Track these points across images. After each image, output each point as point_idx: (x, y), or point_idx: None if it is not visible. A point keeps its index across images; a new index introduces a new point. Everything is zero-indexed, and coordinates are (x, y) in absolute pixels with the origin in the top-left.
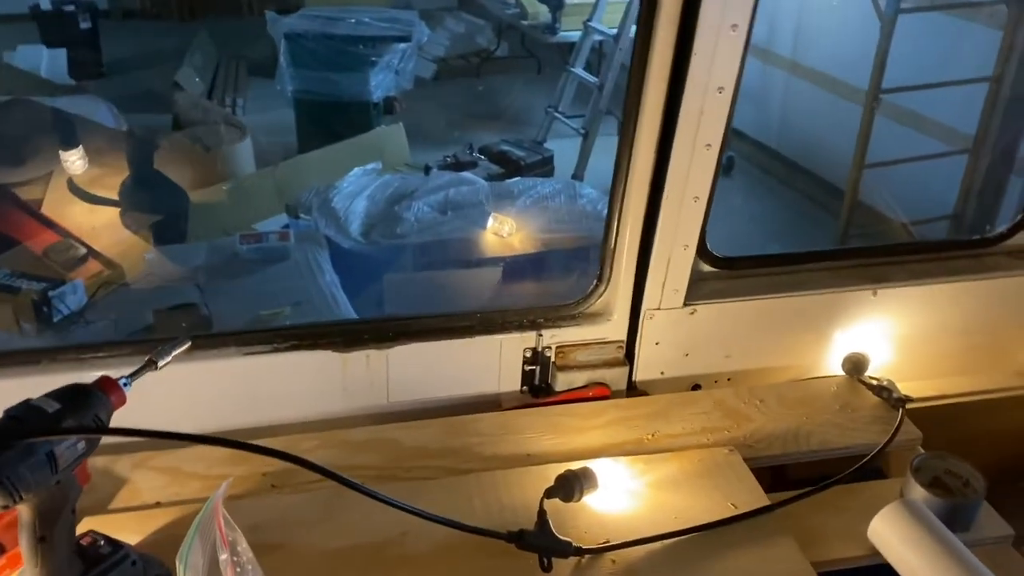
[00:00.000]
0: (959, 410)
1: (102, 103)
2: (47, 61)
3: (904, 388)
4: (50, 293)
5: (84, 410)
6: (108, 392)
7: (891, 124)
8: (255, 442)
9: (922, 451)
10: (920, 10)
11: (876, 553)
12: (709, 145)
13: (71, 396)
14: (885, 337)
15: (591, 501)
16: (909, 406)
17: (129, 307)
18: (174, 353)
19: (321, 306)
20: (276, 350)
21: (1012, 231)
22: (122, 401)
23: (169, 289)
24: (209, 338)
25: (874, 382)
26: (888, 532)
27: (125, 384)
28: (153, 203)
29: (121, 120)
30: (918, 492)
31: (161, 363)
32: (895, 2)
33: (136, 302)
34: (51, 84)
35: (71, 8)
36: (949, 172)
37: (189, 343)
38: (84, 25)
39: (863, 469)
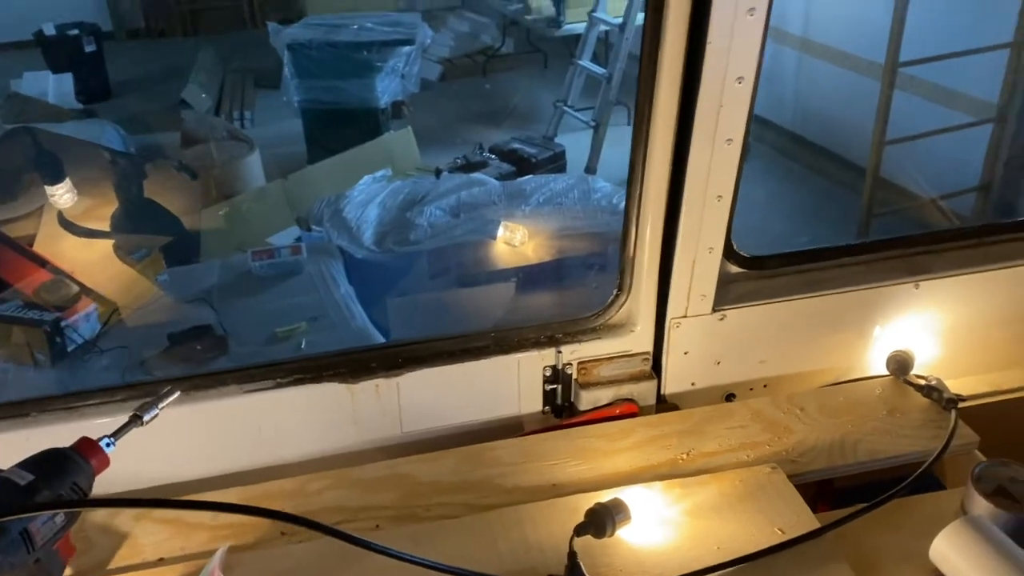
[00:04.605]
0: (1016, 407)
1: (108, 126)
2: (54, 86)
3: (954, 386)
4: (63, 322)
5: (60, 479)
6: (88, 456)
7: (912, 98)
8: (258, 505)
9: (981, 456)
10: None
11: None
12: (730, 140)
13: (46, 464)
14: (930, 332)
15: (625, 535)
16: (962, 406)
17: (144, 333)
18: (161, 406)
19: (338, 319)
20: (279, 385)
21: None
22: (105, 464)
23: (184, 311)
24: (207, 377)
25: (922, 382)
26: (953, 553)
27: (108, 445)
28: (145, 231)
29: (129, 142)
30: (981, 505)
31: (147, 417)
32: None
33: (150, 327)
34: (59, 110)
35: (75, 32)
36: (976, 144)
37: (178, 393)
38: (89, 48)
39: (917, 480)
